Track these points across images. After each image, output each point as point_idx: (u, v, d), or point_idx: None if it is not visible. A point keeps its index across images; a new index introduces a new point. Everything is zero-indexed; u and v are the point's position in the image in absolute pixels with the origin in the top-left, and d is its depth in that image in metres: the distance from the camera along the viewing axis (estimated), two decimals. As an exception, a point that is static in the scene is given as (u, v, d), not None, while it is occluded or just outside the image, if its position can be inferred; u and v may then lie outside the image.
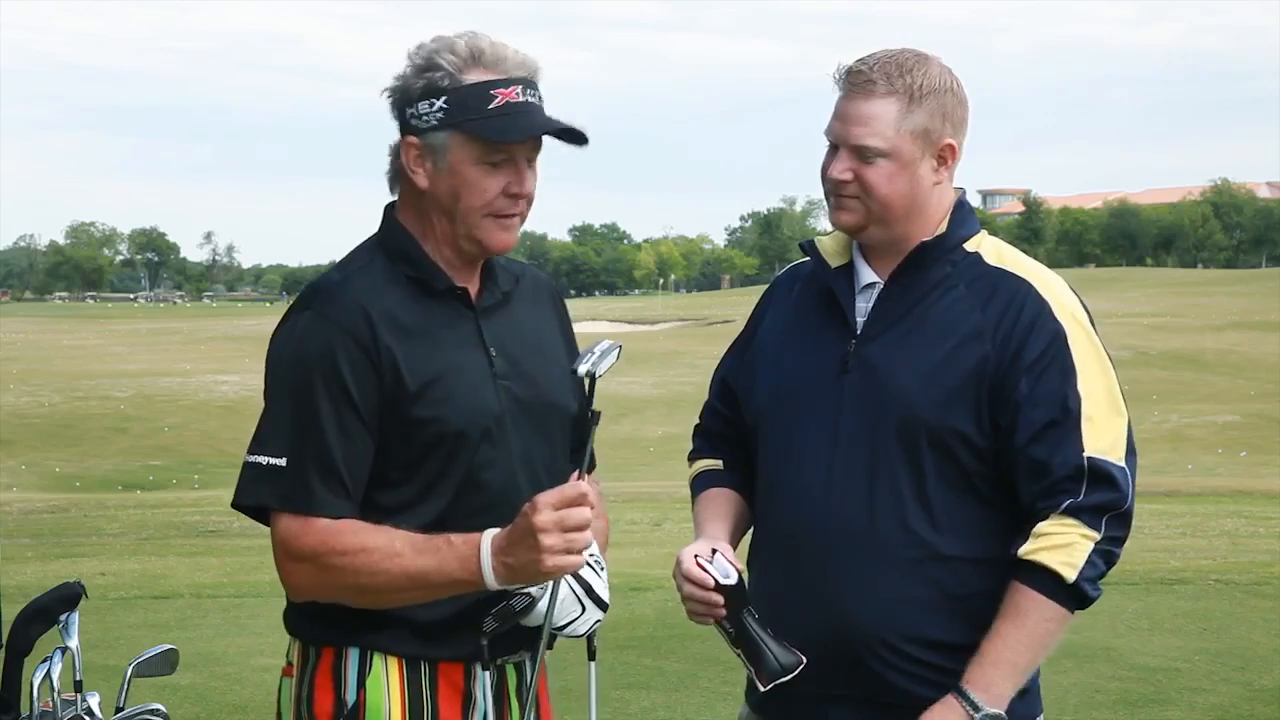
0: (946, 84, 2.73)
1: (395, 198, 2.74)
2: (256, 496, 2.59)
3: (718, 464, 2.99)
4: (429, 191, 2.63)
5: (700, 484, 2.99)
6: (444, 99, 2.57)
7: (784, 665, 2.68)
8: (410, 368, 2.59)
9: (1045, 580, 2.62)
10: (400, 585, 2.53)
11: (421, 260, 2.67)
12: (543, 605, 2.59)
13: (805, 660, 2.68)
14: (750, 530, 2.92)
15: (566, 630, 2.67)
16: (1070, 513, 2.61)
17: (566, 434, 2.81)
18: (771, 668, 2.68)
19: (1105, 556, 2.64)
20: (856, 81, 2.71)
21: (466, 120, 2.57)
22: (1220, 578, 10.24)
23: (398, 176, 2.69)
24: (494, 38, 2.62)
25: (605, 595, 2.72)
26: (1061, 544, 2.61)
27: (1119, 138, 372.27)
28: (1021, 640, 2.64)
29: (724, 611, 2.68)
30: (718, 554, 2.70)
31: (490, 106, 2.57)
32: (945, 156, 2.75)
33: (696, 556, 2.70)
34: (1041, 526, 2.62)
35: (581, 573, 2.67)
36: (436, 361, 2.62)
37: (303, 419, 2.57)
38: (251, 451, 2.60)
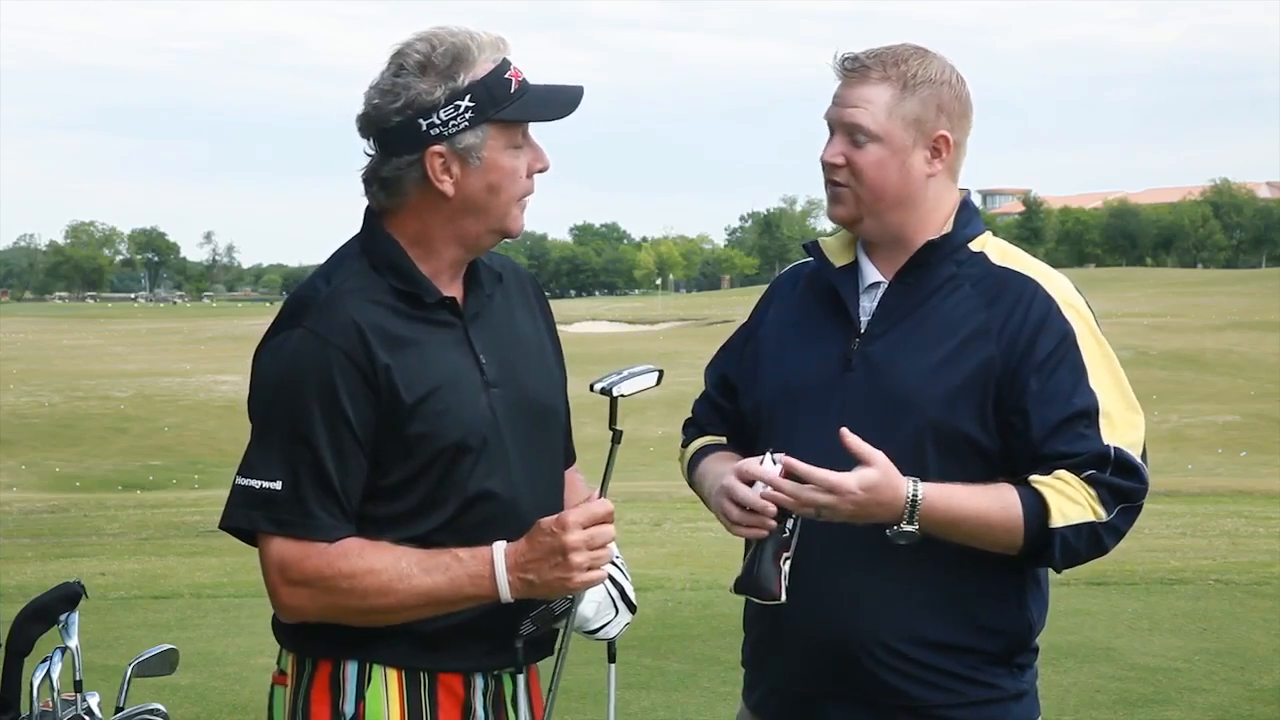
0: (944, 77, 2.74)
1: (374, 208, 2.63)
2: (250, 521, 2.52)
3: (720, 440, 2.97)
4: (456, 196, 2.56)
5: (702, 454, 2.95)
6: (469, 97, 2.51)
7: (757, 591, 2.60)
8: (405, 382, 2.52)
9: (1033, 508, 2.59)
10: (409, 605, 2.50)
11: (411, 273, 2.59)
12: (580, 608, 2.60)
13: (780, 600, 2.59)
14: None
15: (600, 633, 2.70)
16: (1091, 482, 2.60)
17: (560, 435, 2.79)
18: (741, 584, 2.62)
19: (1094, 541, 2.61)
20: (851, 67, 2.74)
21: (498, 110, 2.54)
22: (1220, 578, 10.24)
23: (401, 194, 2.58)
24: (453, 25, 2.56)
25: (634, 597, 2.74)
26: (1072, 498, 2.59)
27: (1119, 138, 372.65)
28: (985, 512, 2.59)
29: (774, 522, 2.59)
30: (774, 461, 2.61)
31: (512, 90, 2.55)
32: (939, 148, 2.74)
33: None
34: (1065, 474, 2.60)
35: (614, 575, 2.68)
36: (430, 374, 2.55)
37: (298, 440, 2.50)
38: (243, 474, 2.54)
